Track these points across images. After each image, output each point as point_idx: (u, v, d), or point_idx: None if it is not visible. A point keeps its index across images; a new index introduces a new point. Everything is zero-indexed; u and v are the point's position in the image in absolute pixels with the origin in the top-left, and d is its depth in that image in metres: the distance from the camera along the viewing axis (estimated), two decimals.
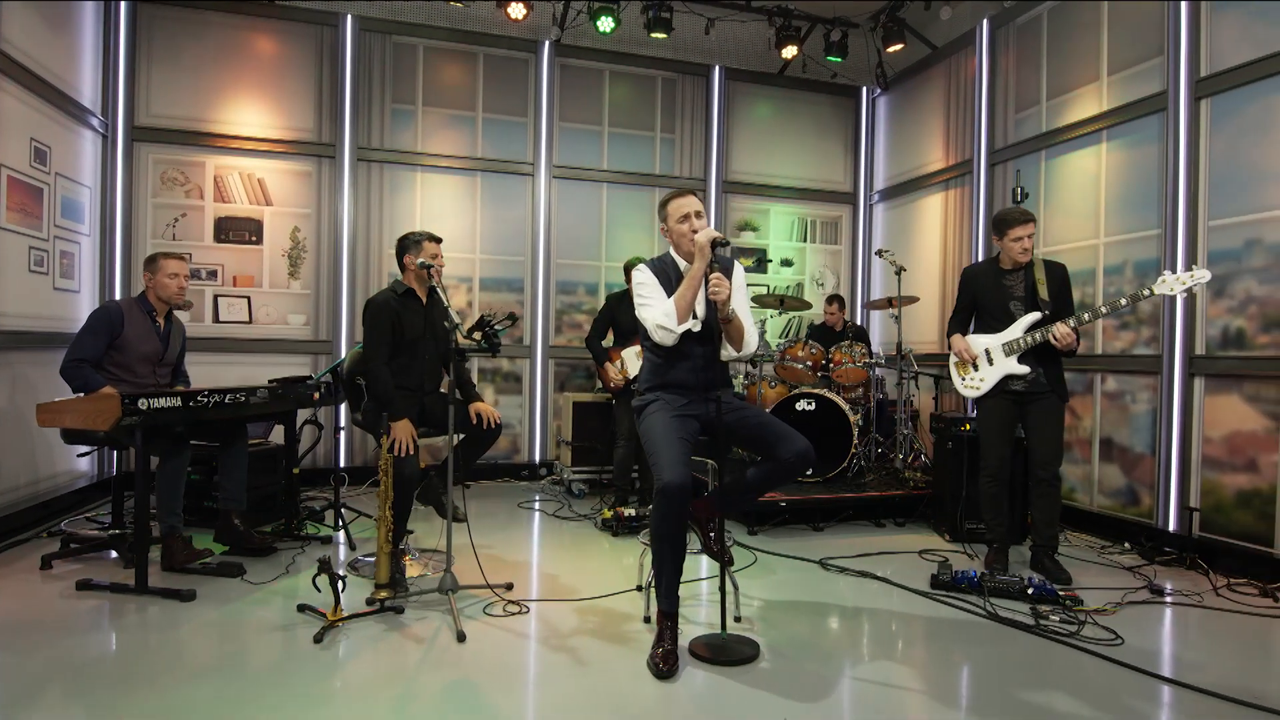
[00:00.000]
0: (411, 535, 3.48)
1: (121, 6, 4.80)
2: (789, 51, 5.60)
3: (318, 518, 4.07)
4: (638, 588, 3.06)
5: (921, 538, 4.05)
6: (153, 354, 3.38)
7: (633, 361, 4.45)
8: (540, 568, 3.48)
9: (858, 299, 6.53)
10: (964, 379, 3.50)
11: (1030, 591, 2.97)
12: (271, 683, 2.20)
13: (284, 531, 3.75)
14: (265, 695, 2.12)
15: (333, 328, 5.28)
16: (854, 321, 6.14)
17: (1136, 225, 4.07)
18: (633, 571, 3.25)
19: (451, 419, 2.79)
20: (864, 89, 6.53)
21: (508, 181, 5.65)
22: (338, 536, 3.80)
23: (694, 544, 2.90)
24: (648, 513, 3.05)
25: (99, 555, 3.40)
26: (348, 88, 5.27)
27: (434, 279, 3.05)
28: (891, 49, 5.64)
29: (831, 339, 5.36)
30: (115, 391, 2.92)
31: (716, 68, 6.10)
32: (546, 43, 5.66)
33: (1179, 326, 3.74)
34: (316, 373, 4.86)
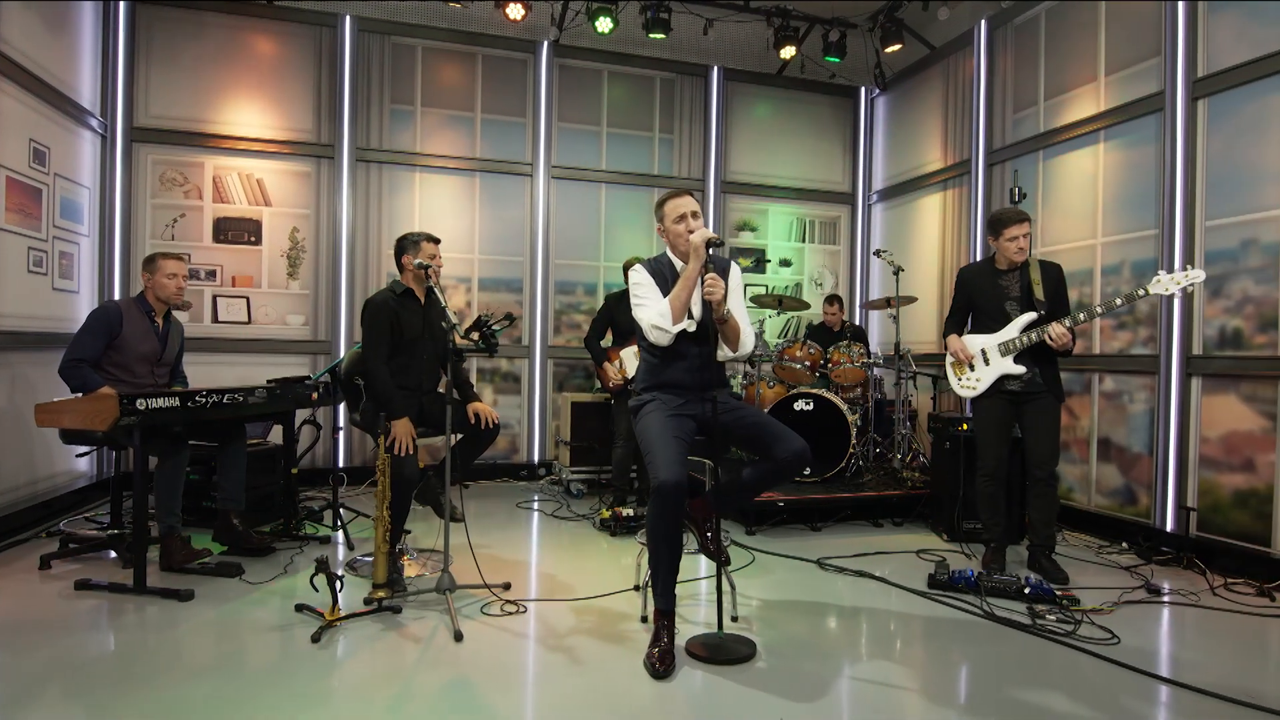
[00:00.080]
0: (409, 535, 3.49)
1: (120, 7, 4.80)
2: (787, 52, 5.60)
3: (316, 518, 4.07)
4: (635, 587, 3.07)
5: (919, 537, 4.05)
6: (151, 354, 3.38)
7: (631, 361, 4.45)
8: (538, 567, 3.48)
9: (856, 299, 6.53)
10: (960, 379, 3.50)
11: (1027, 591, 2.97)
12: (269, 682, 2.21)
13: (282, 531, 3.75)
14: (263, 695, 2.13)
15: (331, 328, 5.28)
16: (852, 321, 6.15)
17: (1134, 225, 4.07)
18: (630, 571, 3.25)
19: (449, 419, 2.80)
20: (862, 89, 6.54)
21: (506, 182, 5.66)
22: (336, 536, 3.81)
23: (691, 543, 2.91)
24: (646, 513, 3.05)
25: (98, 555, 3.41)
26: (346, 88, 5.28)
27: (432, 279, 3.06)
28: (890, 49, 5.65)
29: (830, 339, 5.36)
30: (113, 391, 2.92)
31: (715, 68, 6.11)
32: (545, 43, 5.67)
33: (1176, 326, 3.75)
34: (315, 373, 4.86)
